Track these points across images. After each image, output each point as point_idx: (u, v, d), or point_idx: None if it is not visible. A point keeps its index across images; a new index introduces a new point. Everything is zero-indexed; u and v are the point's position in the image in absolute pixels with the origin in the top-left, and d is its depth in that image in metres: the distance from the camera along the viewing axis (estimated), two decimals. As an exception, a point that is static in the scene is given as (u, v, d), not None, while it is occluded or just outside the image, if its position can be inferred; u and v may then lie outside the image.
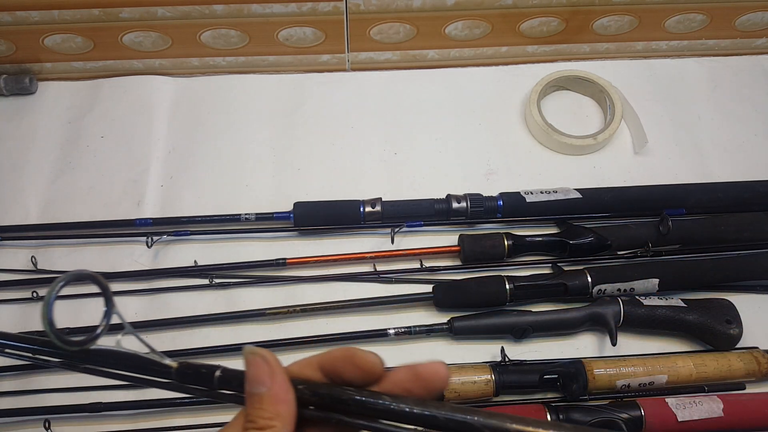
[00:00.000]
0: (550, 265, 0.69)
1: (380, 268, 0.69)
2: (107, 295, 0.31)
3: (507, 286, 0.64)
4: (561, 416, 0.56)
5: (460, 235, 0.69)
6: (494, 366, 0.60)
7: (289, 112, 0.82)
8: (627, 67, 0.86)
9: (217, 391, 0.30)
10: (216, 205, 0.74)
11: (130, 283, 0.68)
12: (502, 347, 0.63)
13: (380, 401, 0.28)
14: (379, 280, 0.68)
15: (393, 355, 0.64)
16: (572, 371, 0.59)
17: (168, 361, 0.31)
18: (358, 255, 0.69)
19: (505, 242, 0.68)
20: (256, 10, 0.76)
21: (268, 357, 0.29)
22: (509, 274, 0.66)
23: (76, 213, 0.73)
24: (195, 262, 0.68)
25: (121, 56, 0.81)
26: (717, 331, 0.62)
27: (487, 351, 0.64)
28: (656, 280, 0.65)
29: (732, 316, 0.63)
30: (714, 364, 0.60)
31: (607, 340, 0.63)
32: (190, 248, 0.71)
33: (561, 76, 0.82)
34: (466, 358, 0.62)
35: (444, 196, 0.72)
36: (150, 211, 0.73)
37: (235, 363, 0.63)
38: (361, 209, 0.70)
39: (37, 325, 0.65)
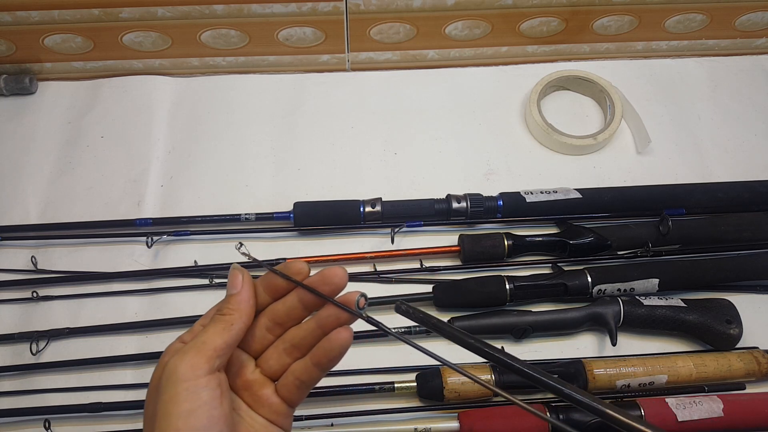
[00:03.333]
0: (550, 265, 0.69)
1: (380, 268, 0.69)
2: None
3: (507, 286, 0.64)
4: (561, 416, 0.56)
5: (460, 235, 0.69)
6: (494, 366, 0.60)
7: (289, 112, 0.82)
8: (627, 67, 0.86)
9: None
10: (216, 205, 0.74)
11: (130, 283, 0.68)
12: (502, 347, 0.63)
13: None
14: (379, 280, 0.68)
15: (393, 355, 0.64)
16: (572, 371, 0.59)
17: None
18: (358, 255, 0.69)
19: (505, 242, 0.68)
20: (256, 10, 0.76)
21: (243, 273, 0.40)
22: (509, 274, 0.66)
23: (76, 213, 0.73)
24: (195, 262, 0.68)
25: (121, 56, 0.82)
26: (717, 331, 0.62)
27: (487, 351, 0.64)
28: (656, 280, 0.65)
29: (732, 316, 0.63)
30: (714, 364, 0.60)
31: (607, 340, 0.63)
32: (190, 248, 0.71)
33: (561, 76, 0.82)
34: (466, 358, 0.62)
35: (444, 196, 0.72)
36: (150, 211, 0.73)
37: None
38: (361, 209, 0.70)
39: (37, 325, 0.65)
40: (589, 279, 0.65)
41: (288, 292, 0.40)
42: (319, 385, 0.60)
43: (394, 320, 0.63)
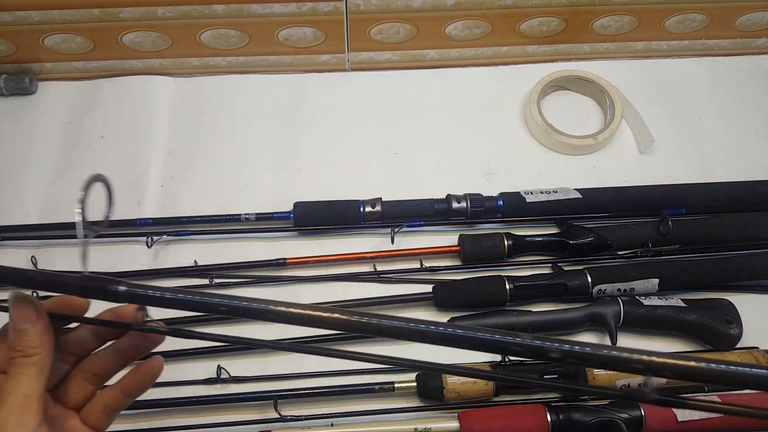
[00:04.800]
0: (550, 265, 0.69)
1: (380, 268, 0.69)
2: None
3: (507, 286, 0.64)
4: (561, 416, 0.56)
5: (460, 235, 0.69)
6: (494, 366, 0.60)
7: (289, 112, 0.82)
8: (627, 67, 0.86)
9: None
10: (216, 205, 0.74)
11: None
12: (502, 347, 0.63)
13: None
14: (379, 280, 0.68)
15: (393, 355, 0.64)
16: (572, 371, 0.59)
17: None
18: (358, 255, 0.69)
19: (505, 242, 0.68)
20: (256, 10, 0.76)
21: (34, 301, 0.35)
22: (509, 274, 0.66)
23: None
24: (195, 262, 0.68)
25: (121, 56, 0.82)
26: (717, 331, 0.62)
27: (487, 351, 0.64)
28: (656, 280, 0.65)
29: (732, 316, 0.63)
30: (714, 364, 0.60)
31: (607, 340, 0.63)
32: (190, 248, 0.71)
33: (561, 76, 0.82)
34: (466, 358, 0.62)
35: (444, 196, 0.72)
36: (150, 211, 0.73)
37: (237, 363, 0.63)
38: (361, 209, 0.70)
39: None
40: (589, 279, 0.65)
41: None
42: (319, 384, 0.61)
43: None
